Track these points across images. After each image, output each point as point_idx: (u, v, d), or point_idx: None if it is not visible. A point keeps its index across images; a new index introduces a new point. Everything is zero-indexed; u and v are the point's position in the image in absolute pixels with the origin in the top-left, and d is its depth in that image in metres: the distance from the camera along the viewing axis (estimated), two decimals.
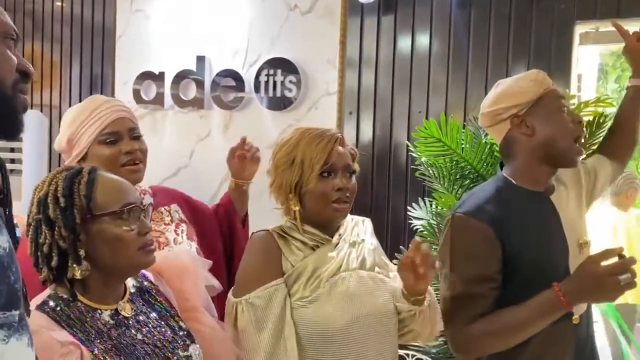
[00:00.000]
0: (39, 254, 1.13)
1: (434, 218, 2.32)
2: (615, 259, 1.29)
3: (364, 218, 1.64)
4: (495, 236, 1.41)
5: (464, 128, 2.26)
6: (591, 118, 2.11)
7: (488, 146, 2.19)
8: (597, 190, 1.69)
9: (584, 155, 1.54)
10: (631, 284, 1.28)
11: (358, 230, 1.58)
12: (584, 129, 1.59)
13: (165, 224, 1.73)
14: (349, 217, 1.60)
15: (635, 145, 1.77)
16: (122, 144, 1.61)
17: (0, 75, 0.83)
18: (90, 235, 1.13)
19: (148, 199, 1.74)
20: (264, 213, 1.65)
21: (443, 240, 1.51)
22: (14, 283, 0.77)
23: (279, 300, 1.39)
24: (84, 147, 1.62)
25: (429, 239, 2.31)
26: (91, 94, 3.29)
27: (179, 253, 1.62)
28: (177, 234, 1.74)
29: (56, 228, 1.11)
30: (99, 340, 1.11)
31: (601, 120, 2.08)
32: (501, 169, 1.58)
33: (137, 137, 1.66)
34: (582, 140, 1.51)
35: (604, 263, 1.29)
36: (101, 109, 1.62)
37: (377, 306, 1.45)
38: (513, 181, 1.51)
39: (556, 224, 1.49)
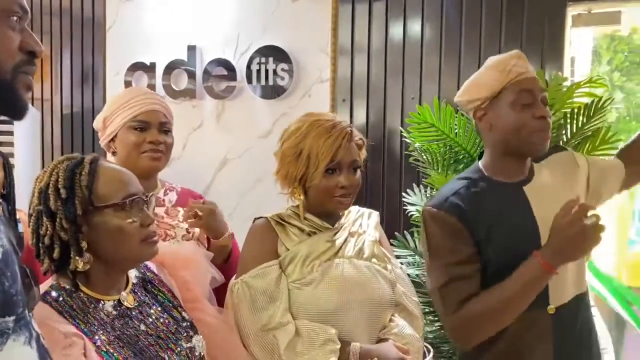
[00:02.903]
0: (40, 245, 1.12)
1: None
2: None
3: (372, 211, 1.66)
4: (460, 223, 1.44)
5: (457, 113, 2.25)
6: (589, 101, 2.10)
7: None
8: (603, 192, 1.63)
9: (546, 145, 1.49)
10: (598, 226, 1.30)
11: (362, 221, 1.61)
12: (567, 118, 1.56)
13: (179, 220, 1.77)
14: (356, 208, 1.64)
15: None
16: (149, 133, 1.70)
17: None
18: (92, 227, 1.11)
19: (173, 196, 1.81)
20: (266, 198, 1.66)
21: (421, 235, 1.55)
22: (9, 288, 0.75)
23: (272, 277, 1.44)
24: (115, 129, 1.71)
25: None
26: (83, 87, 3.27)
27: (182, 245, 1.63)
28: (188, 232, 1.75)
29: (57, 219, 1.10)
30: (101, 331, 1.11)
31: (599, 105, 2.06)
32: (479, 159, 1.59)
33: (166, 131, 1.75)
34: (546, 134, 1.45)
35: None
36: (139, 97, 1.73)
37: (370, 294, 1.47)
38: (485, 172, 1.53)
39: (526, 214, 1.48)
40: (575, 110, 2.09)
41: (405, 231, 2.45)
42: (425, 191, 2.40)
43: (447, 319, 1.45)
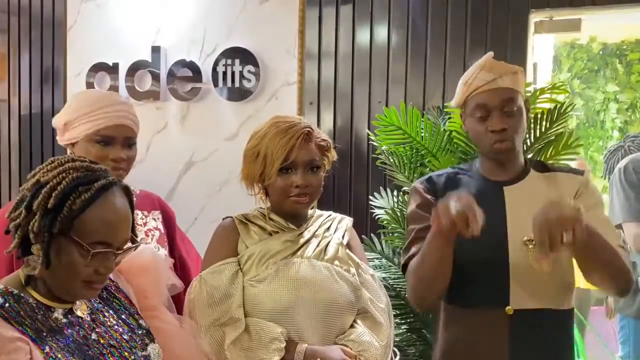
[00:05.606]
0: (11, 222, 1.09)
1: (398, 206, 2.33)
2: None
3: (344, 216, 1.67)
4: (432, 197, 1.57)
5: (423, 116, 2.27)
6: (551, 106, 2.15)
7: (447, 134, 2.21)
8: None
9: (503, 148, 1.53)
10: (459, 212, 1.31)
11: (330, 225, 1.62)
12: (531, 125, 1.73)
13: (137, 224, 1.73)
14: (328, 213, 1.66)
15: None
16: (112, 149, 1.63)
17: None
18: (58, 246, 1.07)
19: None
20: (232, 201, 1.67)
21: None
22: None
23: (228, 274, 1.48)
24: (76, 137, 1.64)
25: (390, 226, 2.32)
26: (42, 87, 3.19)
27: (140, 250, 1.59)
28: (147, 236, 1.73)
29: (32, 218, 1.05)
30: (50, 338, 1.07)
31: (561, 111, 2.11)
32: None
33: (130, 145, 1.67)
34: (501, 144, 1.50)
35: None
36: (108, 109, 1.63)
37: (326, 295, 1.48)
38: (476, 165, 1.64)
39: (498, 212, 1.52)
40: (539, 115, 2.13)
41: (372, 234, 2.45)
42: (393, 194, 2.41)
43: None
